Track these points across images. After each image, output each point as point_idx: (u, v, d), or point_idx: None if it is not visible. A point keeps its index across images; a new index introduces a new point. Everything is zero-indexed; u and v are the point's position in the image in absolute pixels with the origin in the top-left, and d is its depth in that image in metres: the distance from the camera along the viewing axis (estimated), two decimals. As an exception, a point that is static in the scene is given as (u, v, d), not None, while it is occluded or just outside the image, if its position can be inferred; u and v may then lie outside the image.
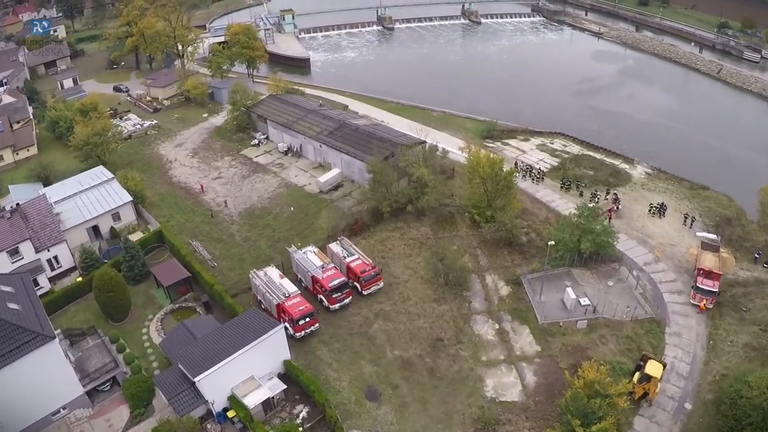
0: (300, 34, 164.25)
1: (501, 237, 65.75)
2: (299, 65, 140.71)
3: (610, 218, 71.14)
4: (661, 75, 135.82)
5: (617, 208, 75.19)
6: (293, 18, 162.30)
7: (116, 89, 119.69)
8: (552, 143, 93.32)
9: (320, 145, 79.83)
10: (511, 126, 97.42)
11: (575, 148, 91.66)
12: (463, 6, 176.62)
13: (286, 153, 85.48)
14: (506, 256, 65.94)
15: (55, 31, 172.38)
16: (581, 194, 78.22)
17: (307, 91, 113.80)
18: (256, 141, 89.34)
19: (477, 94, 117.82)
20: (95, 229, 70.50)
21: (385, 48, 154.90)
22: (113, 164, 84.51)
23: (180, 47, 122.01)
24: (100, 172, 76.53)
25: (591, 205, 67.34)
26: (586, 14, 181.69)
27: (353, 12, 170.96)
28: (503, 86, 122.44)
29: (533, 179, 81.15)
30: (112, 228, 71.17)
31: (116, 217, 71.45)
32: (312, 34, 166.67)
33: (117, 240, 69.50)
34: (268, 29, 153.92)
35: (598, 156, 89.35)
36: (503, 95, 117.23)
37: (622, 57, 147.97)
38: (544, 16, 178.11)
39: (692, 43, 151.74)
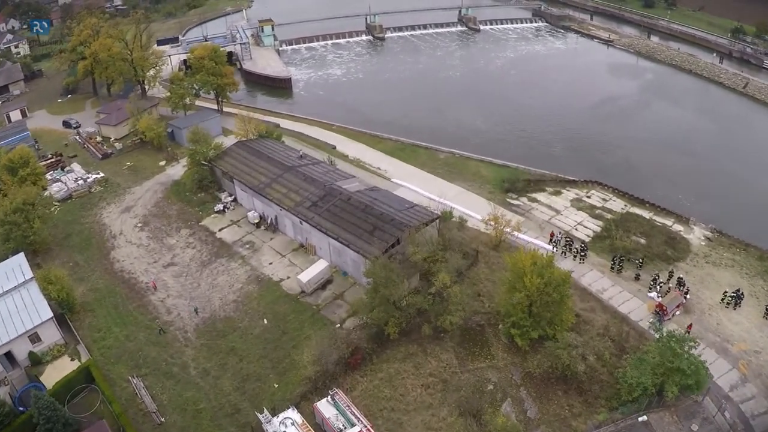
0: (281, 46, 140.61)
1: (552, 370, 45.15)
2: (280, 86, 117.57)
3: (663, 311, 52.05)
4: (685, 92, 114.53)
5: (686, 298, 55.01)
6: (273, 29, 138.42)
7: (65, 124, 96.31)
8: (588, 196, 72.19)
9: (301, 222, 58.15)
10: (536, 172, 75.98)
11: (617, 204, 70.73)
12: (460, 12, 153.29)
13: (257, 225, 63.61)
14: (561, 399, 45.13)
15: (16, 46, 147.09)
16: (637, 277, 57.83)
17: (287, 124, 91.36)
18: (221, 206, 67.23)
19: (487, 124, 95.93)
20: (8, 357, 49.02)
21: (376, 62, 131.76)
22: (43, 242, 62.84)
23: (139, 71, 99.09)
24: (18, 267, 54.52)
25: (677, 333, 47.26)
26: (591, 18, 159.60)
27: (340, 20, 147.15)
28: (516, 113, 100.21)
29: (575, 256, 60.44)
30: (31, 353, 49.60)
31: (35, 338, 49.79)
32: (294, 47, 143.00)
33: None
34: (244, 43, 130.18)
35: (645, 214, 68.60)
36: (518, 125, 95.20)
37: (639, 69, 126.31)
38: (547, 22, 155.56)
39: (714, 54, 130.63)
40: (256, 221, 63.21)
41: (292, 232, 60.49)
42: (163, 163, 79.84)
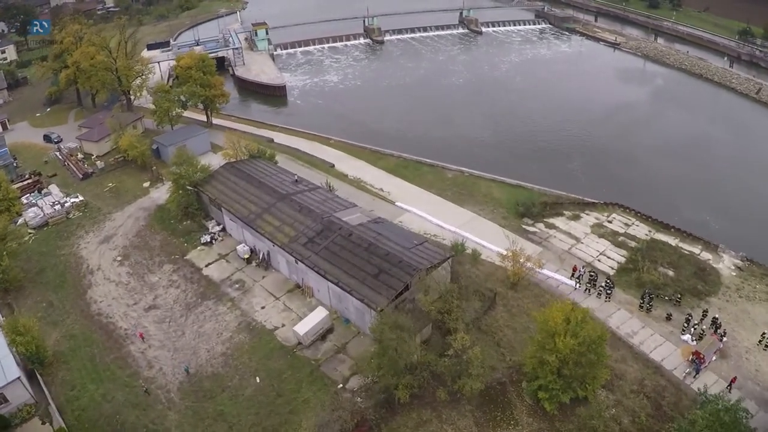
0: (276, 50, 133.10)
1: (587, 439, 38.65)
2: (274, 94, 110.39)
3: (700, 359, 45.67)
4: (698, 98, 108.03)
5: (722, 342, 48.60)
6: (267, 33, 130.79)
7: (46, 139, 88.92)
8: (610, 220, 65.42)
9: (296, 261, 51.28)
10: (551, 194, 69.10)
11: (641, 229, 64.00)
12: (461, 14, 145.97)
13: (248, 261, 56.56)
14: (597, 475, 38.80)
15: (2, 51, 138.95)
16: (669, 317, 51.28)
17: (281, 138, 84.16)
18: (208, 237, 60.09)
19: (496, 137, 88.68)
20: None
21: (375, 68, 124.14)
22: (14, 280, 56.11)
23: (124, 81, 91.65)
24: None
25: (725, 398, 41.04)
26: (596, 20, 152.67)
27: (337, 23, 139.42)
28: (525, 124, 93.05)
29: (600, 293, 53.83)
30: (-1, 416, 42.90)
31: (1, 399, 43.04)
32: (289, 51, 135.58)
33: None
34: (237, 48, 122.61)
35: (671, 240, 61.96)
36: (528, 138, 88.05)
37: (648, 75, 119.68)
38: (550, 23, 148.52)
39: (725, 57, 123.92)
40: (247, 256, 56.10)
41: (286, 269, 53.49)
42: (147, 184, 72.61)
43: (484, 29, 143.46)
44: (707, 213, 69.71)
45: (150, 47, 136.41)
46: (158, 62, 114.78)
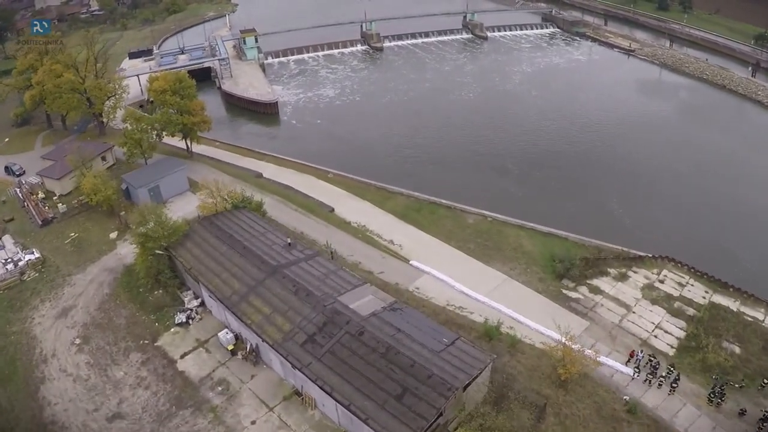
0: (267, 59, 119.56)
1: None
2: (264, 111, 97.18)
3: None
4: (726, 114, 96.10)
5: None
6: (256, 41, 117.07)
7: (7, 170, 75.60)
8: (661, 279, 53.63)
9: (293, 367, 39.01)
10: (591, 244, 56.94)
11: (697, 290, 52.32)
12: (465, 17, 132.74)
13: (233, 353, 44.16)
14: None
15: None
16: (742, 413, 40.28)
17: (271, 171, 71.13)
18: (183, 317, 47.33)
19: (518, 167, 75.76)
20: None
21: (375, 79, 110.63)
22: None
23: (97, 103, 78.49)
24: None
25: None
26: (606, 23, 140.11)
27: (332, 29, 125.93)
28: (549, 151, 79.88)
29: (661, 383, 42.38)
30: None
31: None
32: (281, 59, 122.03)
33: None
34: (224, 59, 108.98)
35: (732, 304, 50.62)
36: (554, 168, 75.23)
37: (670, 86, 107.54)
38: (559, 27, 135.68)
39: (749, 67, 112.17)
40: (231, 347, 43.90)
41: (280, 368, 41.31)
42: (114, 235, 59.74)
43: (489, 34, 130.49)
44: (761, 262, 58.44)
45: (132, 56, 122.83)
46: (138, 75, 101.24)
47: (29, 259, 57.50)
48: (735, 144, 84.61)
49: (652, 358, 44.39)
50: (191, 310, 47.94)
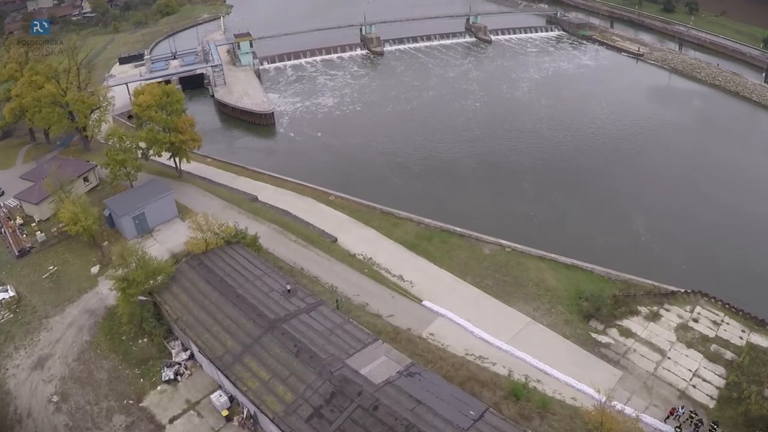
0: (262, 64, 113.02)
1: None
2: (260, 122, 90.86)
3: None
4: (739, 123, 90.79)
5: None
6: (251, 46, 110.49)
7: (-15, 192, 69.57)
8: (695, 318, 47.93)
9: (297, 443, 33.03)
10: (619, 278, 51.03)
11: (734, 329, 46.71)
12: (468, 20, 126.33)
13: (228, 418, 38.06)
14: None
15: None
16: None
17: (268, 194, 64.57)
18: (171, 373, 41.22)
19: (534, 187, 69.77)
20: None
21: (376, 87, 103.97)
22: None
23: (79, 117, 72.11)
24: None
25: None
26: (612, 26, 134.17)
27: (331, 32, 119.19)
28: (563, 169, 73.71)
29: (709, 447, 37.17)
30: None
31: None
32: (278, 64, 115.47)
33: None
34: (217, 66, 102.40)
35: (771, 345, 45.53)
36: (570, 186, 69.62)
37: (683, 93, 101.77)
38: (564, 30, 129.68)
39: (763, 74, 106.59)
40: (226, 411, 37.96)
41: (281, 438, 35.67)
42: (95, 269, 53.34)
43: (493, 37, 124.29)
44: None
45: (122, 61, 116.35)
46: (126, 84, 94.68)
47: (3, 298, 51.27)
48: (759, 159, 79.12)
49: (694, 415, 39.04)
50: (179, 364, 41.80)
